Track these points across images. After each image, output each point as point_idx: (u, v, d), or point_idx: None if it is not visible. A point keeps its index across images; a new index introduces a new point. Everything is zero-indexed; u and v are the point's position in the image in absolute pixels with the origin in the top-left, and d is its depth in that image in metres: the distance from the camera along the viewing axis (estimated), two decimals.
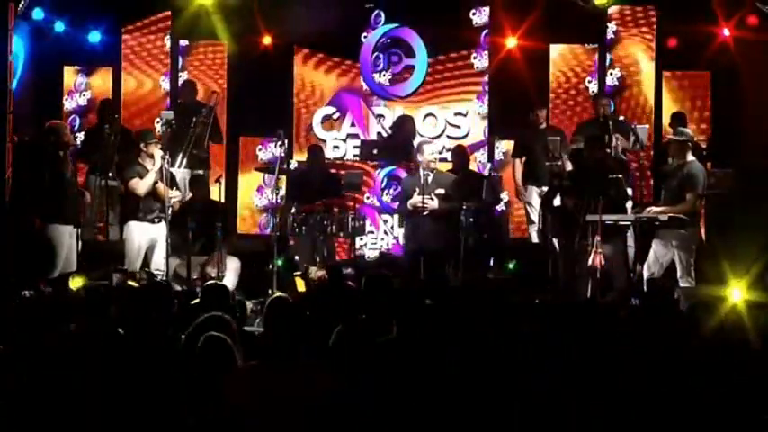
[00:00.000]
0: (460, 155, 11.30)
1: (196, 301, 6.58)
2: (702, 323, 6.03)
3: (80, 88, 12.47)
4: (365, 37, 12.60)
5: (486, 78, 12.55)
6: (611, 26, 12.35)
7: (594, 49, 12.47)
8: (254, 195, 12.49)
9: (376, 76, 12.67)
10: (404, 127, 12.27)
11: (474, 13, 12.61)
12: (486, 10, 12.52)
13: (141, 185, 9.67)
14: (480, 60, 12.62)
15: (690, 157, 9.36)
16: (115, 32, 12.38)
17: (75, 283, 8.05)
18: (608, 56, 12.41)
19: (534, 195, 11.30)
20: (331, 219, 10.17)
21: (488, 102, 12.56)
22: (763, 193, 10.61)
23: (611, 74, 12.38)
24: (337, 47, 12.66)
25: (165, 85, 12.42)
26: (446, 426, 4.58)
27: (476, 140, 12.49)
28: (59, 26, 11.86)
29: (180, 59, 12.56)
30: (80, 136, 11.83)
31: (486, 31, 12.56)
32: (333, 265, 9.49)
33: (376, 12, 12.62)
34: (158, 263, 9.63)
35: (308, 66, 12.70)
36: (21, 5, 10.98)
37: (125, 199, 10.18)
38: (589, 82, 12.46)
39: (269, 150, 12.49)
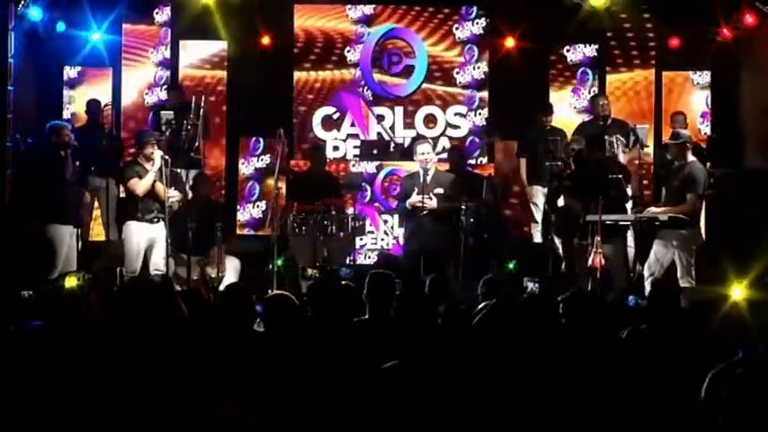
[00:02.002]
0: (457, 155, 11.28)
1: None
2: (703, 323, 6.02)
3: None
4: (348, 51, 12.63)
5: (467, 94, 12.56)
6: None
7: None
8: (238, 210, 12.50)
9: (376, 75, 12.68)
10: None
11: (457, 28, 12.62)
12: (469, 24, 12.52)
13: (140, 186, 9.65)
14: (463, 76, 12.62)
15: (690, 158, 9.36)
16: (116, 32, 12.38)
17: (70, 281, 8.04)
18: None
19: (539, 195, 11.32)
20: (331, 219, 10.16)
21: (488, 102, 12.58)
22: (762, 192, 10.61)
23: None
24: None
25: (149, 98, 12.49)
26: (447, 425, 4.57)
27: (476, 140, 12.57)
28: (60, 26, 11.84)
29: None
30: None
31: (469, 45, 12.56)
32: (326, 267, 9.48)
33: (361, 24, 12.63)
34: (157, 263, 9.62)
35: (309, 64, 12.75)
36: (21, 5, 10.97)
37: (124, 199, 10.17)
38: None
39: (251, 164, 12.51)
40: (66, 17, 11.82)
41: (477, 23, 12.58)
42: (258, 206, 12.52)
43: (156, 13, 12.54)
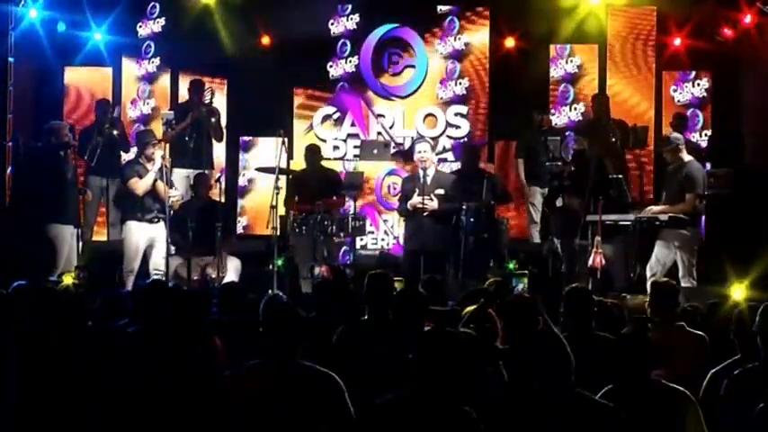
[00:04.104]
0: (468, 154, 11.16)
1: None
2: (704, 323, 6.03)
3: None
4: (331, 66, 12.63)
5: (449, 109, 12.57)
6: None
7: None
8: None
9: (376, 75, 12.68)
10: None
11: (439, 43, 12.62)
12: (451, 39, 12.53)
13: (140, 185, 9.65)
14: (445, 91, 12.63)
15: (687, 157, 9.36)
16: (116, 32, 12.40)
17: (67, 279, 8.07)
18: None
19: (537, 195, 11.31)
20: (331, 219, 10.15)
21: (488, 102, 12.58)
22: (763, 192, 10.61)
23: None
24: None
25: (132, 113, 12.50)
26: (448, 426, 4.57)
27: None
28: (60, 26, 11.85)
29: None
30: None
31: (451, 60, 12.57)
32: (336, 266, 9.46)
33: (343, 39, 12.63)
34: (157, 263, 9.62)
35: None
36: (20, 5, 10.99)
37: (124, 199, 10.16)
38: None
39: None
40: (66, 17, 11.83)
41: (459, 39, 12.59)
42: (239, 221, 12.51)
43: (140, 26, 12.55)
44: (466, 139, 12.42)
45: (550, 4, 11.99)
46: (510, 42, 12.44)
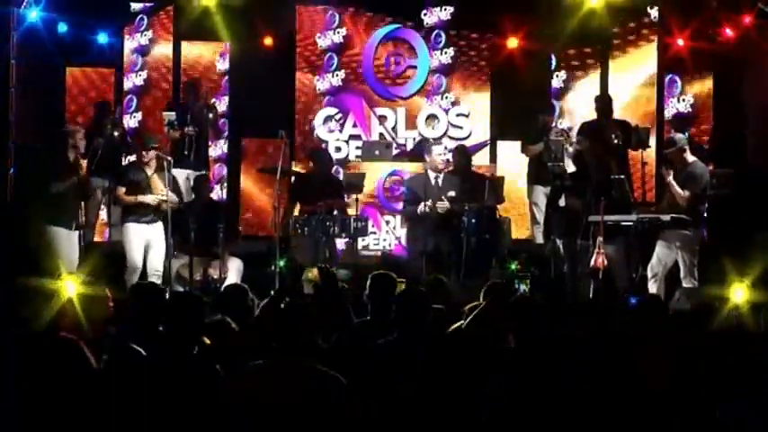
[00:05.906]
0: (463, 155, 11.22)
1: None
2: (705, 323, 6.03)
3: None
4: (318, 80, 12.59)
5: (451, 110, 12.57)
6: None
7: None
8: None
9: (378, 76, 12.68)
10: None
11: (430, 56, 12.62)
12: (437, 54, 12.53)
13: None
14: (431, 105, 12.62)
15: (691, 158, 9.39)
16: (118, 33, 12.40)
17: (67, 280, 8.03)
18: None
19: (540, 195, 11.30)
20: (333, 220, 10.15)
21: (491, 103, 12.58)
22: (763, 193, 10.62)
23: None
24: None
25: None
26: (447, 426, 4.57)
27: (477, 141, 12.54)
28: (62, 26, 11.85)
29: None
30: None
31: (438, 74, 12.58)
32: (324, 268, 9.47)
33: (330, 53, 12.61)
34: (156, 263, 9.61)
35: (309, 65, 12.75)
36: (23, 6, 11.00)
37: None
38: None
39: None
40: (68, 17, 11.84)
41: (446, 52, 12.58)
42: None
43: (129, 39, 12.53)
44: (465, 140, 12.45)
45: (552, 4, 11.98)
46: (512, 43, 12.43)
